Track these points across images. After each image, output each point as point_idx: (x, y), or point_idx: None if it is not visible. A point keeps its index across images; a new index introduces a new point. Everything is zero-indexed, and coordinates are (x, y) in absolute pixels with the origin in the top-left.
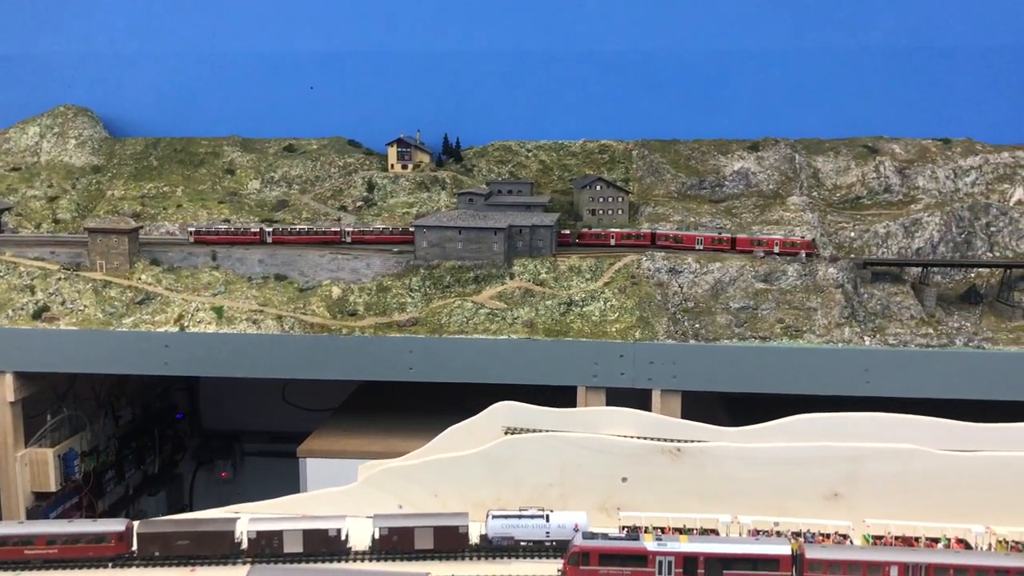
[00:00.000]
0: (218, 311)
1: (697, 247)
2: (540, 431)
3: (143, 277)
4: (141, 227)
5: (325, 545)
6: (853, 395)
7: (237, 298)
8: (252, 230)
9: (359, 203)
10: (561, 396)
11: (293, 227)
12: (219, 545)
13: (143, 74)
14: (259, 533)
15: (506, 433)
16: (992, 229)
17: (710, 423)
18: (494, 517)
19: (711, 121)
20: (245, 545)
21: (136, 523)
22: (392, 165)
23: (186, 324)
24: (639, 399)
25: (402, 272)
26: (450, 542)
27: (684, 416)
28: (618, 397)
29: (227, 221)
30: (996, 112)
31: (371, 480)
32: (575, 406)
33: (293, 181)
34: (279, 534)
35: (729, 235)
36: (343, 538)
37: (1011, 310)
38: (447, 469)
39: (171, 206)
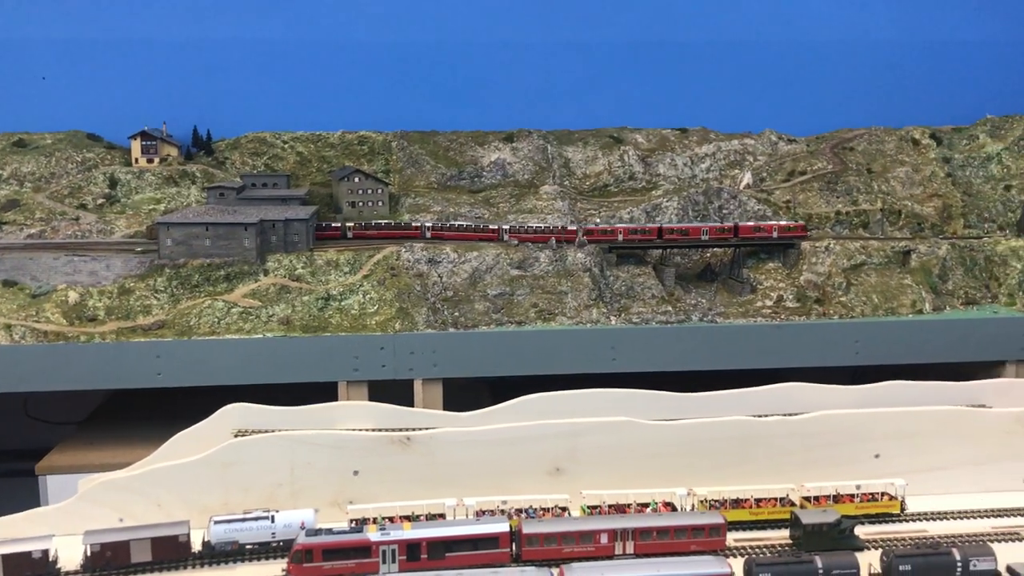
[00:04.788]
0: None
1: (703, 237)
2: (273, 431)
3: None
4: None
5: (29, 568)
6: (602, 372)
7: None
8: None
9: (100, 201)
10: (323, 392)
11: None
12: None
13: None
14: None
15: (236, 436)
16: (724, 211)
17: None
18: (216, 522)
19: (468, 113)
20: None
21: None
22: (136, 159)
23: None
24: (405, 389)
25: (146, 273)
26: (170, 552)
27: (451, 404)
28: (381, 389)
29: None
30: (727, 102)
31: (87, 495)
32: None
33: (25, 179)
34: None
35: (732, 223)
36: (51, 559)
37: (740, 286)
38: (170, 478)
39: None
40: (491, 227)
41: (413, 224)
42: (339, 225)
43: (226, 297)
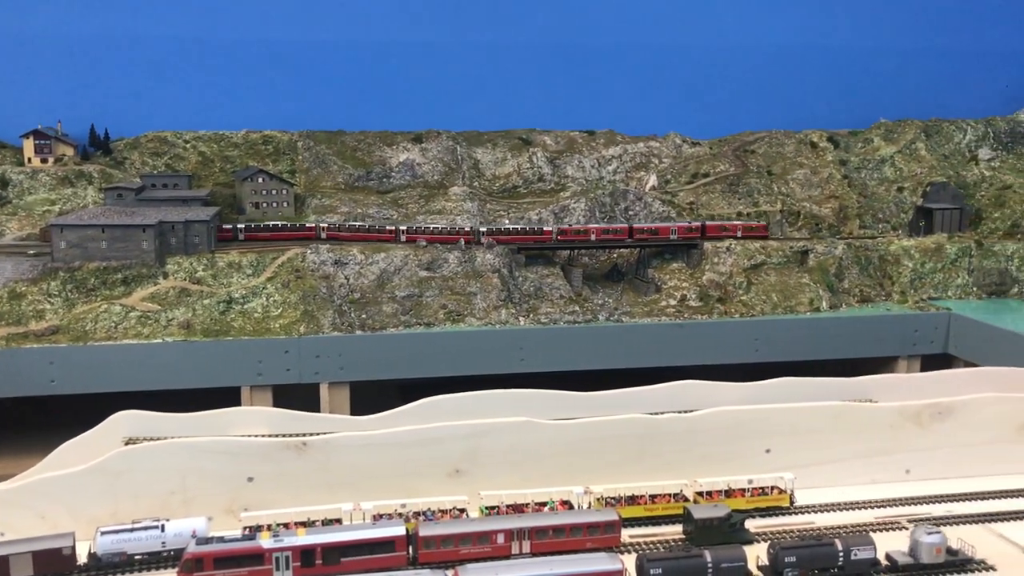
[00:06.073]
0: None
1: (672, 237)
2: (166, 438)
3: None
4: None
5: None
6: (510, 372)
7: None
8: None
9: None
10: (227, 398)
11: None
12: None
13: None
14: None
15: (126, 443)
16: (630, 213)
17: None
18: (103, 533)
19: (376, 113)
20: None
21: None
22: (29, 159)
23: None
24: (312, 393)
25: (39, 276)
26: (53, 566)
27: (361, 406)
28: (287, 393)
29: None
30: (633, 105)
31: None
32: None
33: None
34: None
35: (700, 222)
36: None
37: (646, 285)
38: (54, 488)
39: None
40: (466, 229)
41: (388, 228)
42: (313, 226)
43: (124, 301)
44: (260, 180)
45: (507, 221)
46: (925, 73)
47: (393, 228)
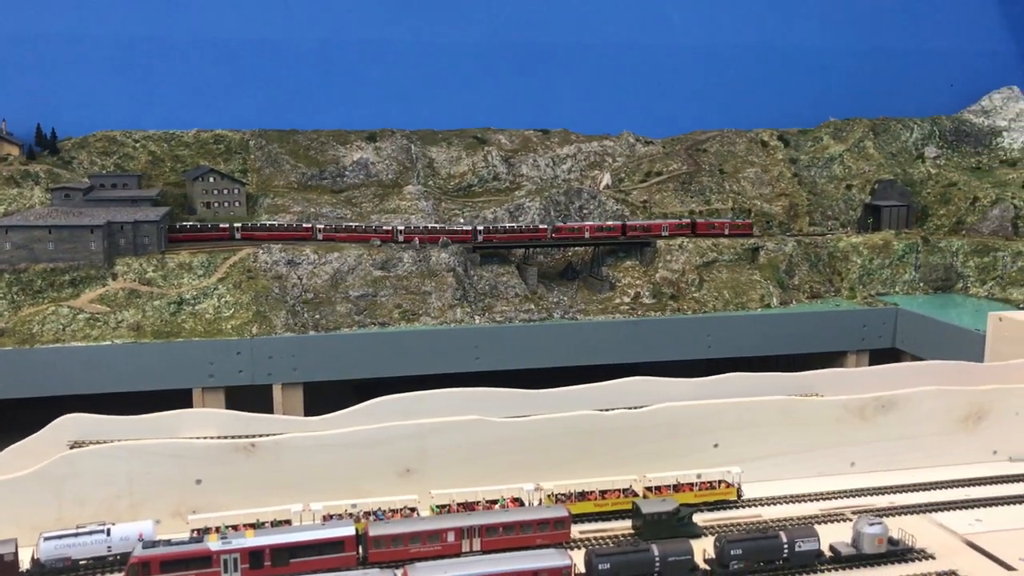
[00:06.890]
0: None
1: (664, 233)
2: (113, 441)
3: None
4: None
5: None
6: (467, 371)
7: None
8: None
9: None
10: (178, 400)
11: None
12: None
13: None
14: None
15: (72, 447)
16: (585, 211)
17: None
18: (46, 539)
19: (329, 111)
20: None
21: None
22: None
23: None
24: (266, 394)
25: None
26: None
27: (316, 406)
28: (240, 395)
29: None
30: (588, 105)
31: None
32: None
33: None
34: None
35: (690, 219)
36: None
37: (600, 283)
38: None
39: None
40: (466, 228)
41: (385, 228)
42: (310, 227)
43: (72, 303)
44: (211, 180)
45: (509, 220)
46: (873, 73)
47: (390, 229)
